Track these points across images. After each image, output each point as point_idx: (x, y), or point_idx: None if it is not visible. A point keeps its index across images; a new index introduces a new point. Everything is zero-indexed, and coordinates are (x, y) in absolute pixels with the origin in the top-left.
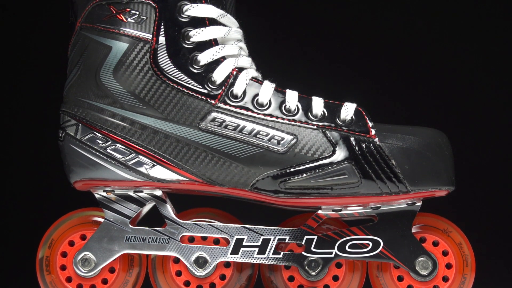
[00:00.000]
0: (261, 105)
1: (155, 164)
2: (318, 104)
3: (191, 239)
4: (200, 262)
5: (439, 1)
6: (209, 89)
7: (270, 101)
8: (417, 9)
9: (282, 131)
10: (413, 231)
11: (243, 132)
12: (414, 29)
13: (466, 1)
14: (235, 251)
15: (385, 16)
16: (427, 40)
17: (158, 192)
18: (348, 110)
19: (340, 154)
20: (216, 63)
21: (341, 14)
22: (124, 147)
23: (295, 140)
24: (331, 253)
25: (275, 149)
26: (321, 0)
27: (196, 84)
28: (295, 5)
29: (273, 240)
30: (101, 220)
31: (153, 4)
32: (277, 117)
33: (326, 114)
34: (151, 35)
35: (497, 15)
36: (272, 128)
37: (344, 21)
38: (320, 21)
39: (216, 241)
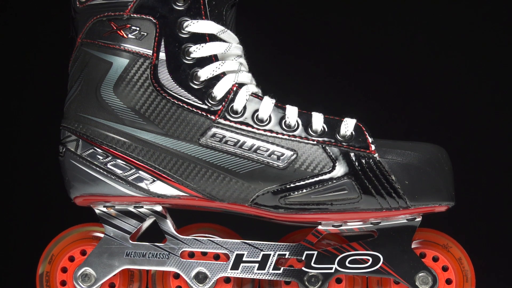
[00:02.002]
0: (261, 121)
1: (155, 179)
2: (318, 120)
3: (191, 255)
4: (200, 278)
5: (439, 16)
6: (209, 105)
7: (270, 116)
8: (417, 24)
9: (282, 147)
10: (413, 246)
11: (243, 147)
12: (414, 43)
13: (466, 16)
14: (235, 267)
15: (385, 31)
16: (427, 55)
17: (158, 208)
18: (348, 126)
19: (340, 169)
20: (216, 78)
21: (341, 30)
22: (124, 163)
23: (295, 155)
24: (331, 268)
25: (275, 165)
26: (321, 16)
27: (196, 99)
28: (295, 21)
29: (273, 256)
30: (101, 235)
31: (154, 20)
32: (277, 133)
33: (326, 129)
34: (151, 51)
35: (498, 29)
36: (272, 143)
37: (344, 36)
38: (320, 37)
39: (216, 257)
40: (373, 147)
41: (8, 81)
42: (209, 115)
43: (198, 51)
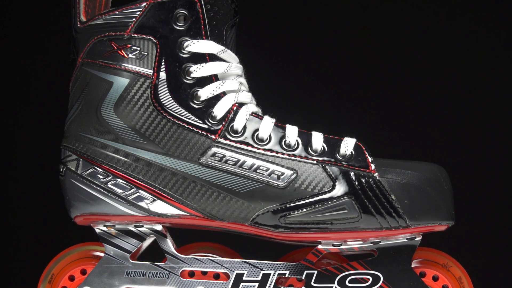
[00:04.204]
0: (261, 140)
1: (155, 199)
2: (318, 139)
3: (191, 274)
4: None
5: (440, 33)
6: (210, 124)
7: (270, 136)
8: (417, 42)
9: (282, 166)
10: (413, 265)
11: (243, 167)
12: (414, 61)
13: (466, 34)
14: (235, 286)
15: (385, 49)
16: (426, 73)
17: (159, 227)
18: (347, 145)
19: (340, 189)
20: (216, 98)
21: (341, 50)
22: (124, 182)
23: (295, 175)
24: (331, 287)
25: (275, 184)
26: (321, 36)
27: (197, 119)
28: (295, 40)
29: (273, 275)
30: (102, 254)
31: (154, 40)
32: (277, 152)
33: (326, 149)
34: (152, 71)
35: (497, 47)
36: (272, 163)
37: (344, 56)
38: (321, 56)
39: (216, 276)
40: (372, 166)
41: (9, 100)
42: (209, 135)
43: (198, 70)
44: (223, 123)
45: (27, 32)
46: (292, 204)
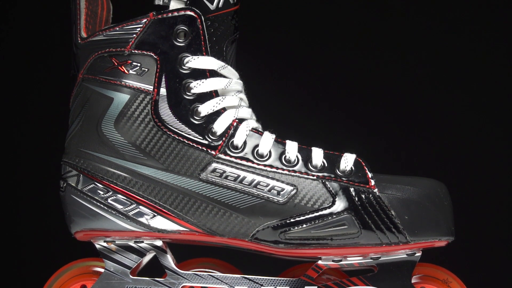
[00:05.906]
0: (261, 156)
1: (155, 214)
2: (318, 155)
3: None
4: None
5: (439, 49)
6: (210, 140)
7: (270, 152)
8: (417, 57)
9: (282, 182)
10: (413, 281)
11: (243, 182)
12: (413, 76)
13: (467, 49)
14: None
15: (384, 65)
16: (426, 88)
17: (159, 242)
18: (347, 161)
19: (340, 204)
20: (216, 114)
21: (340, 65)
22: (125, 198)
23: (295, 190)
24: None
25: (275, 200)
26: (321, 52)
27: (197, 135)
28: (295, 57)
29: None
30: (102, 270)
31: (155, 56)
32: (277, 168)
33: (326, 164)
34: (152, 87)
35: (499, 63)
36: (272, 178)
37: (344, 71)
38: (320, 71)
39: None
40: (372, 182)
41: (9, 116)
42: (209, 151)
43: (198, 86)
44: (223, 139)
45: (27, 47)
46: (292, 220)
